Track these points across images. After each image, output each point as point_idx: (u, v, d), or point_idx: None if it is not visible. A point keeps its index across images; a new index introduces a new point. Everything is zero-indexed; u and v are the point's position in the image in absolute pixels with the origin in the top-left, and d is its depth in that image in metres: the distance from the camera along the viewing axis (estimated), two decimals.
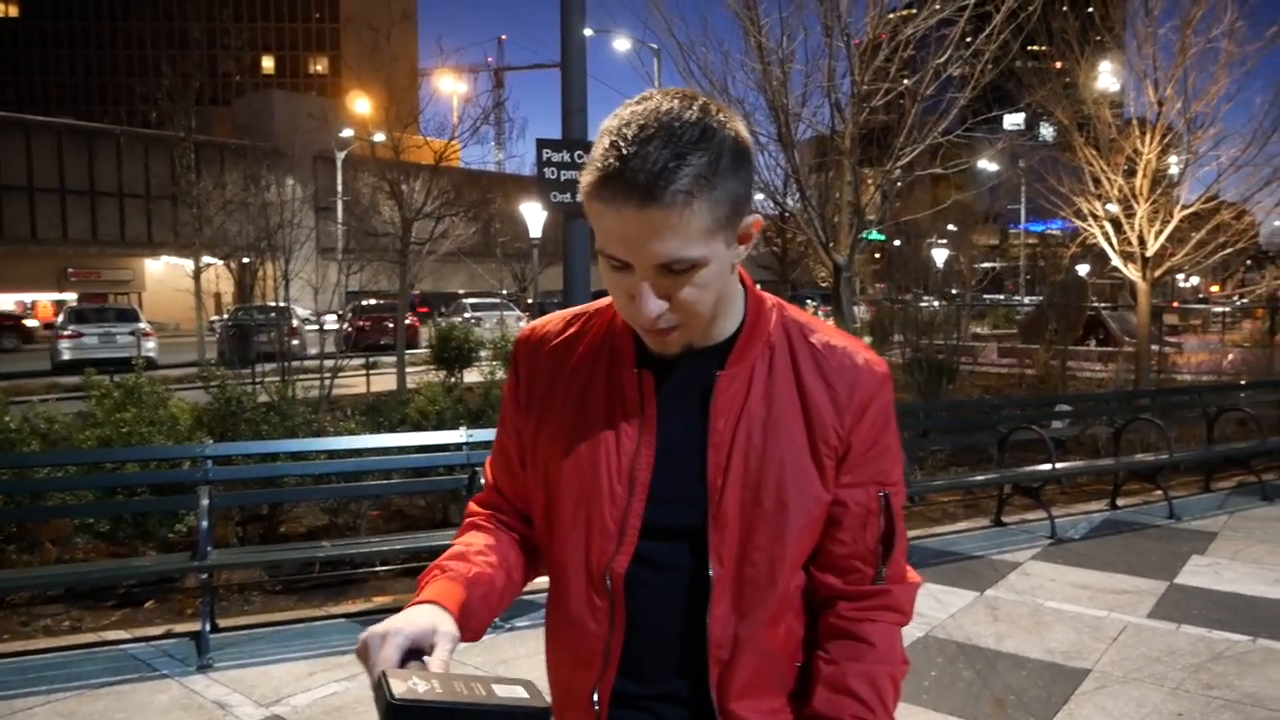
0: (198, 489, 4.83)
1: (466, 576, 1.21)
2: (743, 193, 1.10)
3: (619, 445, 1.22)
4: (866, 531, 1.23)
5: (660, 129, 1.04)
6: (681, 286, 1.09)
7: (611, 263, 1.11)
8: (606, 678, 1.22)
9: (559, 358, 1.31)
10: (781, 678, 1.25)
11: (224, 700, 4.08)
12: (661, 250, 1.06)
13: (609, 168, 1.04)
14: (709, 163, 1.04)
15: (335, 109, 41.65)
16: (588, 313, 1.35)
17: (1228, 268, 20.83)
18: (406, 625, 1.05)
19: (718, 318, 1.21)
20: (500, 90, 50.11)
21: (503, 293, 35.15)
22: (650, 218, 1.03)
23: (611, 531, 1.21)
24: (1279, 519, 7.28)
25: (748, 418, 1.20)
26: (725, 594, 1.19)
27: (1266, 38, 9.92)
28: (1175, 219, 10.15)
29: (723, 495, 1.18)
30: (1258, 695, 4.13)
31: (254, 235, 21.55)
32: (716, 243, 1.09)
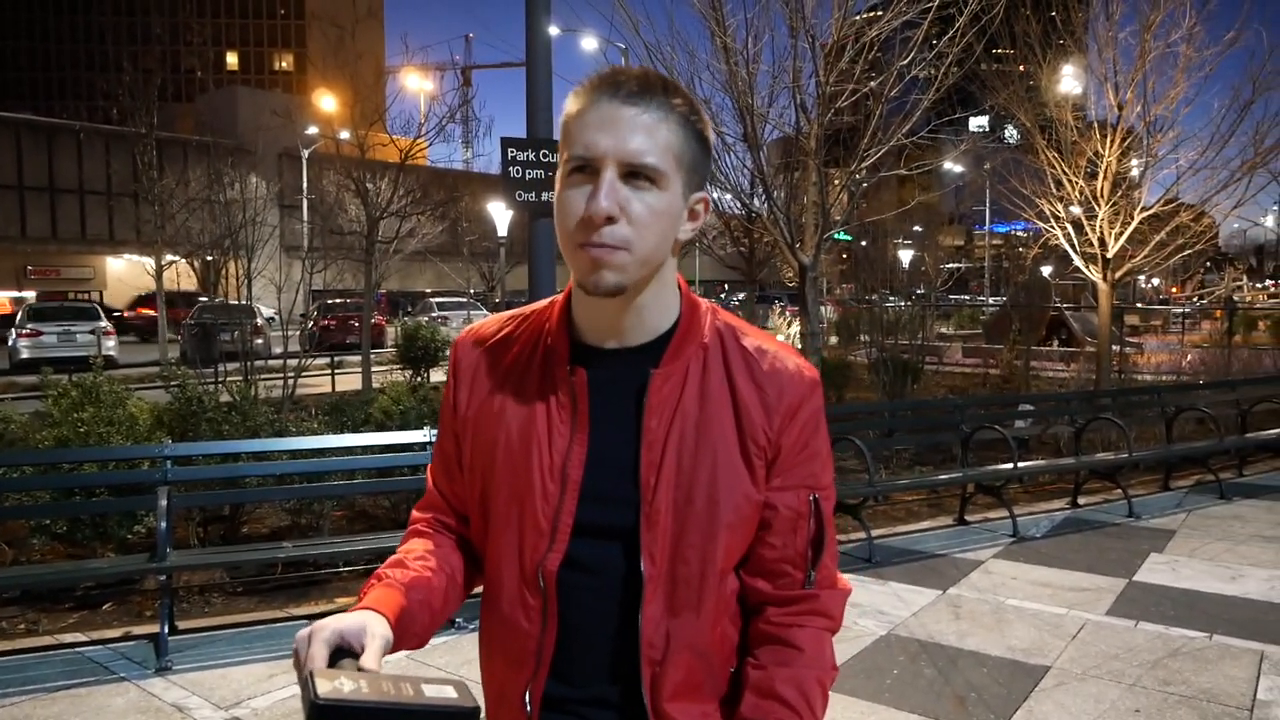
0: (157, 489, 4.75)
1: (403, 582, 1.20)
2: (701, 165, 1.20)
3: (551, 443, 1.22)
4: (796, 535, 1.24)
5: (651, 70, 1.20)
6: (636, 200, 1.13)
7: (576, 164, 1.14)
8: (539, 678, 1.22)
9: (495, 358, 1.32)
10: (715, 681, 1.25)
11: (182, 703, 4.02)
12: (636, 144, 1.12)
13: (605, 76, 1.16)
14: (688, 108, 1.17)
15: (300, 106, 41.24)
16: (524, 314, 1.35)
17: (1188, 269, 21.31)
18: (335, 623, 1.04)
19: (653, 303, 1.22)
20: (468, 89, 49.86)
21: (469, 292, 34.98)
22: (633, 114, 1.12)
23: (544, 529, 1.20)
24: (1235, 517, 7.41)
25: (681, 416, 1.20)
26: (658, 593, 1.19)
27: (1224, 42, 10.11)
28: (1135, 221, 10.30)
29: (655, 493, 1.18)
30: (1213, 691, 4.20)
31: (217, 233, 21.34)
32: (676, 178, 1.15)
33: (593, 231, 1.12)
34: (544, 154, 6.33)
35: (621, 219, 1.12)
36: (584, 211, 1.12)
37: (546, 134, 6.40)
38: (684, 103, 1.16)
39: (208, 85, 56.49)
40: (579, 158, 1.13)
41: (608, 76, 1.15)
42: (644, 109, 1.12)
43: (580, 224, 1.13)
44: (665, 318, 1.24)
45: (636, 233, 1.13)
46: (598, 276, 1.14)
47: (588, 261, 1.14)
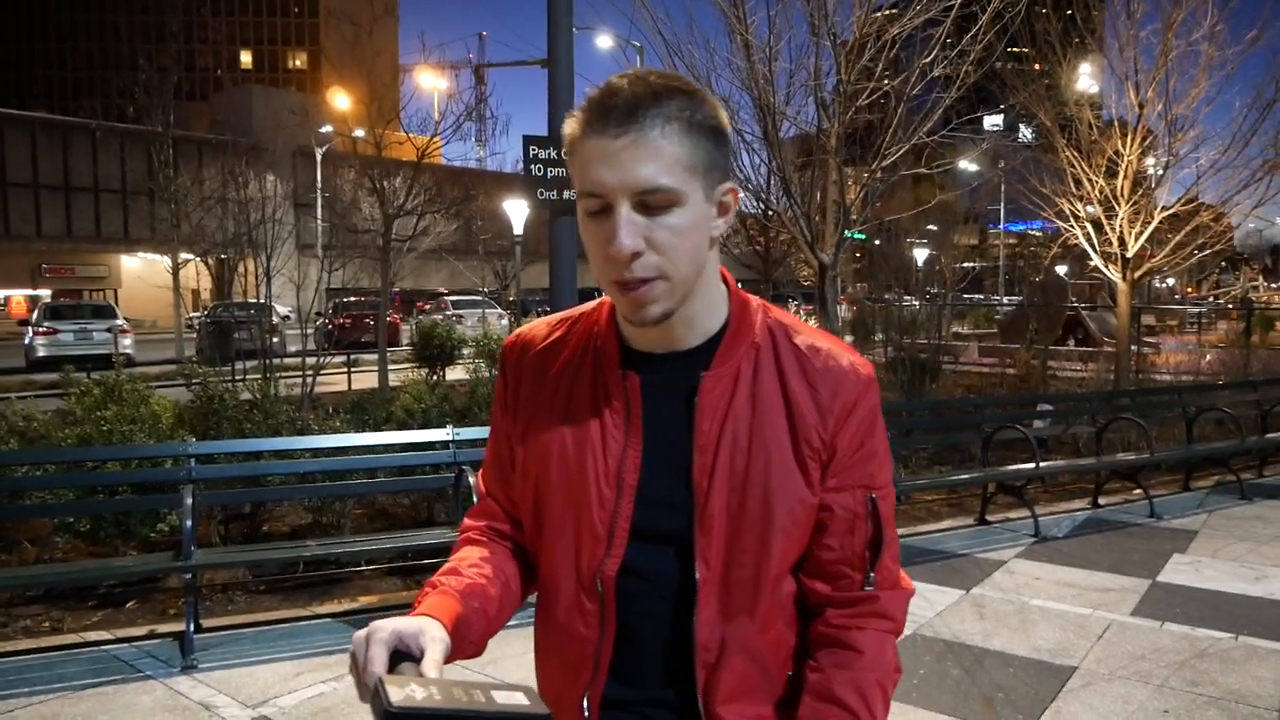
0: (181, 488, 4.77)
1: (458, 590, 1.18)
2: (719, 158, 1.14)
3: (606, 448, 1.21)
4: (854, 537, 1.22)
5: (645, 78, 1.12)
6: (658, 228, 1.09)
7: (590, 205, 1.11)
8: (597, 683, 1.21)
9: (545, 362, 1.31)
10: (770, 685, 1.24)
11: (209, 701, 4.03)
12: (641, 174, 1.07)
13: (595, 101, 1.10)
14: (688, 105, 1.10)
15: (315, 104, 41.39)
16: (573, 317, 1.34)
17: (1204, 269, 21.16)
18: (393, 625, 1.02)
19: (701, 308, 1.20)
20: (482, 87, 49.91)
21: (483, 290, 35.02)
22: (630, 140, 1.07)
23: (601, 535, 1.20)
24: (1257, 518, 7.36)
25: (733, 419, 1.19)
26: (711, 597, 1.18)
27: (1245, 41, 10.04)
28: (1155, 220, 10.24)
29: (708, 497, 1.17)
30: (1241, 692, 4.17)
31: (233, 231, 21.40)
32: (694, 187, 1.11)
33: (623, 268, 1.10)
34: (566, 153, 6.34)
35: (647, 250, 1.10)
36: (607, 250, 1.10)
37: None
38: (682, 105, 1.10)
39: (222, 84, 56.80)
40: (589, 195, 1.11)
41: (598, 102, 1.10)
42: (640, 131, 1.07)
43: (607, 262, 1.11)
44: (714, 319, 1.23)
45: (667, 259, 1.11)
46: (642, 313, 1.14)
47: (628, 302, 1.14)
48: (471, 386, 8.08)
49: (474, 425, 6.02)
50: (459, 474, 5.43)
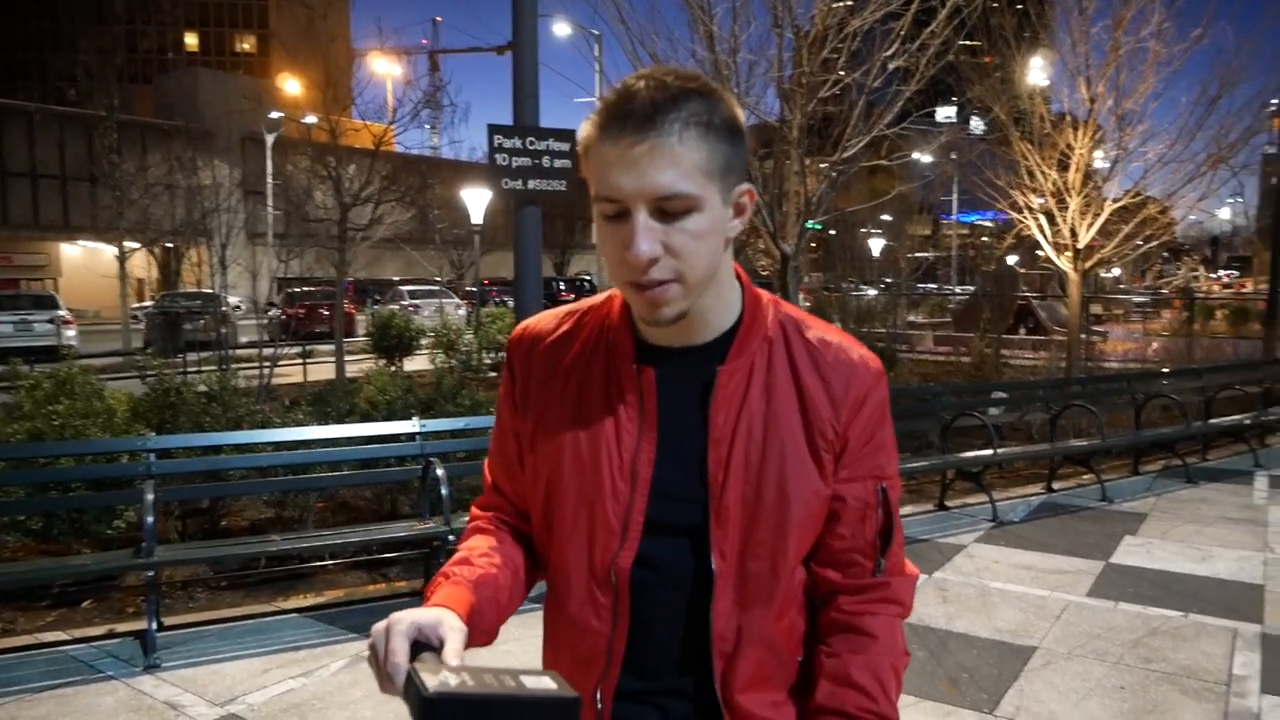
0: (140, 483, 4.69)
1: (470, 580, 1.19)
2: (736, 159, 1.13)
3: (620, 442, 1.22)
4: (865, 525, 1.24)
5: (662, 80, 1.09)
6: (676, 233, 1.09)
7: (606, 209, 1.11)
8: (610, 675, 1.22)
9: (554, 356, 1.30)
10: (784, 671, 1.26)
11: (175, 700, 3.97)
12: (659, 180, 1.06)
13: (612, 105, 1.09)
14: (706, 108, 1.09)
15: (264, 89, 40.55)
16: (581, 309, 1.34)
17: (1148, 260, 21.62)
18: (411, 616, 1.03)
19: (714, 304, 1.21)
20: (438, 74, 49.27)
21: (437, 279, 34.72)
22: (650, 145, 1.06)
23: (615, 528, 1.21)
24: (1202, 500, 7.59)
25: (748, 412, 1.20)
26: (728, 588, 1.20)
27: (1191, 39, 10.28)
28: (1106, 212, 10.46)
29: (724, 491, 1.19)
30: (1192, 667, 4.32)
31: (180, 219, 20.94)
32: (711, 191, 1.10)
33: (640, 273, 1.11)
34: (530, 142, 6.30)
35: (664, 255, 1.10)
36: (624, 255, 1.10)
37: (533, 121, 6.37)
38: (700, 108, 1.08)
39: (168, 66, 55.43)
40: (605, 199, 1.11)
41: (617, 106, 1.09)
42: (659, 136, 1.06)
43: (623, 265, 1.12)
44: (728, 315, 1.24)
45: (684, 262, 1.11)
46: (657, 314, 1.15)
47: (643, 303, 1.14)
48: (437, 378, 8.03)
49: (440, 416, 6.00)
50: (426, 466, 5.40)
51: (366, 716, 3.82)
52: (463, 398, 6.68)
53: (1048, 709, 3.91)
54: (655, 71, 1.12)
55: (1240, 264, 67.77)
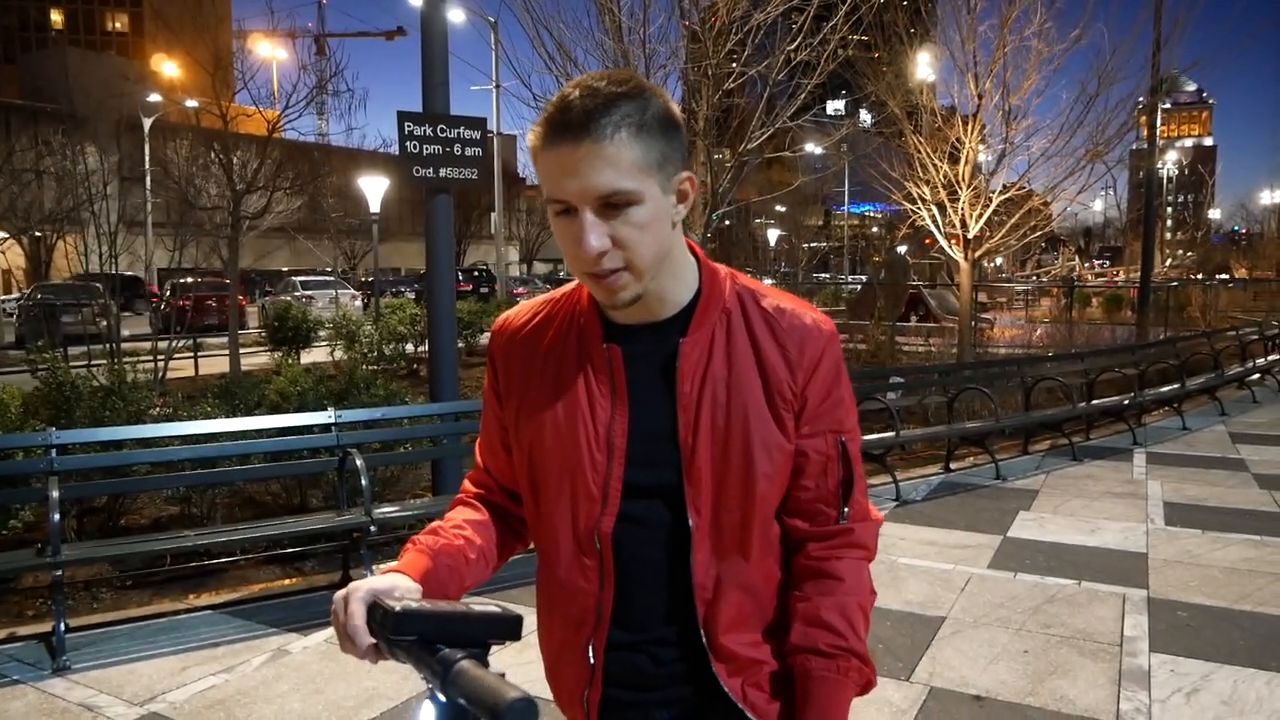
0: (45, 480, 4.49)
1: (433, 548, 1.31)
2: (672, 151, 1.21)
3: (595, 416, 1.31)
4: (827, 477, 1.34)
5: (594, 87, 1.17)
6: (621, 226, 1.18)
7: (556, 208, 1.19)
8: (600, 631, 1.32)
9: (530, 344, 1.40)
10: (762, 614, 1.35)
11: (90, 702, 3.83)
12: (599, 181, 1.15)
13: (551, 115, 1.17)
14: (637, 109, 1.17)
15: (139, 71, 38.68)
16: (554, 299, 1.44)
17: (1028, 250, 22.71)
18: (368, 584, 1.15)
19: (671, 283, 1.29)
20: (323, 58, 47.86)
21: (329, 269, 33.81)
22: (586, 150, 1.14)
23: (595, 496, 1.30)
24: (1088, 476, 8.06)
25: (711, 378, 1.29)
26: (705, 540, 1.29)
27: (1070, 39, 10.83)
28: (994, 204, 10.95)
29: (694, 452, 1.28)
30: (1087, 630, 4.62)
31: (50, 208, 19.82)
32: (650, 183, 1.18)
33: (593, 264, 1.19)
34: (441, 129, 6.24)
35: (612, 247, 1.18)
36: (576, 250, 1.19)
37: (443, 109, 6.30)
38: (631, 109, 1.16)
39: (30, 45, 52.27)
40: (554, 200, 1.19)
41: (555, 116, 1.16)
42: (594, 142, 1.14)
43: (578, 259, 1.21)
44: (686, 290, 1.32)
45: (631, 251, 1.19)
46: (614, 299, 1.24)
47: (601, 290, 1.24)
48: (350, 368, 7.86)
49: (355, 407, 5.90)
50: (343, 457, 5.31)
51: (295, 709, 3.76)
52: (376, 388, 6.57)
53: (959, 674, 4.13)
54: (588, 79, 1.19)
55: (1111, 254, 71.78)
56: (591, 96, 1.15)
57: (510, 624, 1.02)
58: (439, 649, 0.96)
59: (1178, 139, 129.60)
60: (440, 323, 6.24)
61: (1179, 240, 54.18)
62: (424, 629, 0.99)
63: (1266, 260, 47.97)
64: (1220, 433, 10.17)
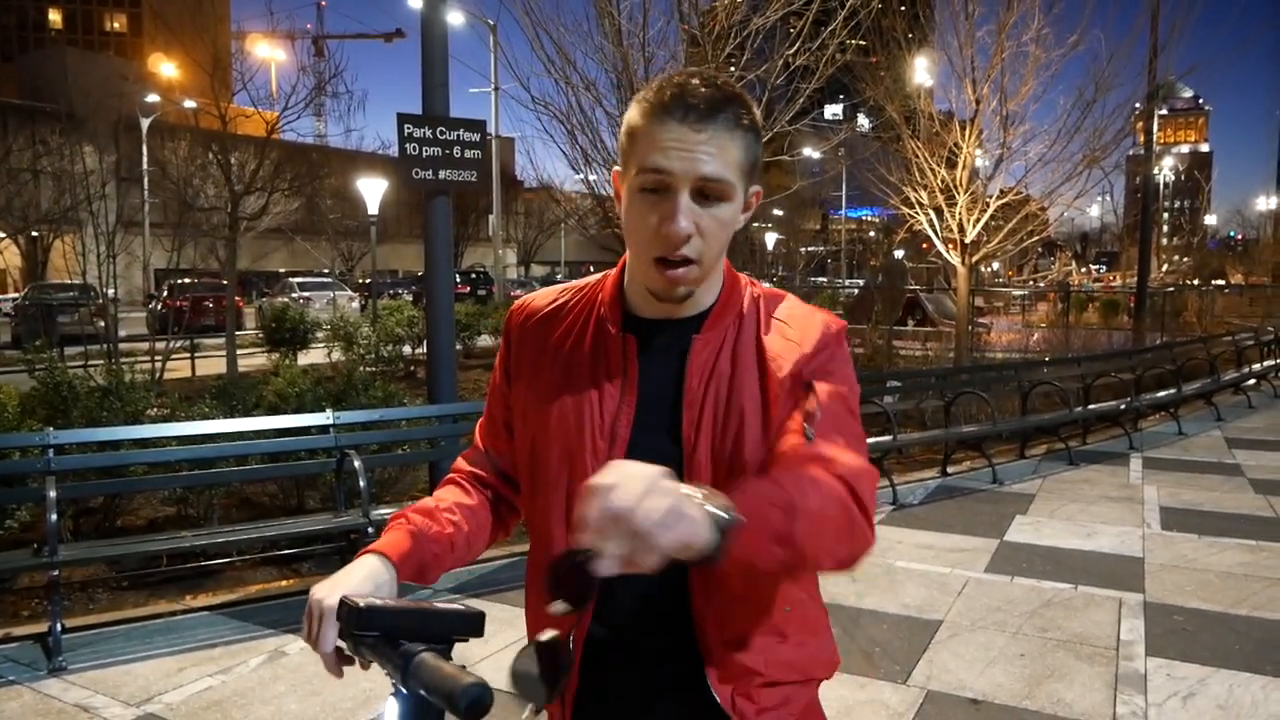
0: (43, 480, 4.48)
1: (421, 532, 1.32)
2: (759, 161, 1.26)
3: (602, 404, 1.32)
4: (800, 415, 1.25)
5: (716, 80, 1.22)
6: (707, 217, 1.20)
7: (649, 182, 1.20)
8: (583, 623, 1.29)
9: (546, 326, 1.42)
10: (761, 620, 1.32)
11: (87, 703, 3.83)
12: (710, 167, 1.18)
13: (673, 91, 1.19)
14: (747, 111, 1.22)
15: (137, 71, 38.67)
16: (576, 286, 1.46)
17: (1025, 255, 22.75)
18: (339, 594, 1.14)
19: (702, 289, 1.31)
20: (321, 59, 47.91)
21: (325, 271, 33.79)
22: (707, 136, 1.17)
23: None
24: (1084, 481, 8.07)
25: (717, 377, 1.30)
26: None
27: (1067, 45, 10.88)
28: (991, 208, 10.98)
29: (695, 449, 1.28)
30: (1083, 635, 4.63)
31: (47, 207, 19.80)
32: (739, 185, 1.22)
33: (672, 248, 1.21)
34: (441, 131, 6.24)
35: (695, 235, 1.21)
36: (660, 229, 1.20)
37: (443, 111, 6.31)
38: (745, 113, 1.21)
39: (28, 44, 52.21)
40: (653, 175, 1.20)
41: (678, 96, 1.19)
42: (714, 130, 1.18)
43: (656, 239, 1.21)
44: (710, 293, 1.34)
45: (707, 244, 1.22)
46: (673, 291, 1.26)
47: (664, 279, 1.24)
48: (348, 369, 7.86)
49: (353, 409, 5.89)
50: (341, 458, 5.31)
51: (292, 710, 3.76)
52: (375, 389, 6.57)
53: (956, 677, 4.13)
54: (701, 72, 1.24)
55: (1108, 259, 71.86)
56: (718, 88, 1.20)
57: (473, 620, 1.05)
58: (402, 644, 0.99)
59: (1174, 145, 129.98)
60: (438, 324, 6.24)
61: (1175, 246, 54.28)
62: (387, 625, 1.02)
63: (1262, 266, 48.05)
64: (1216, 438, 10.20)
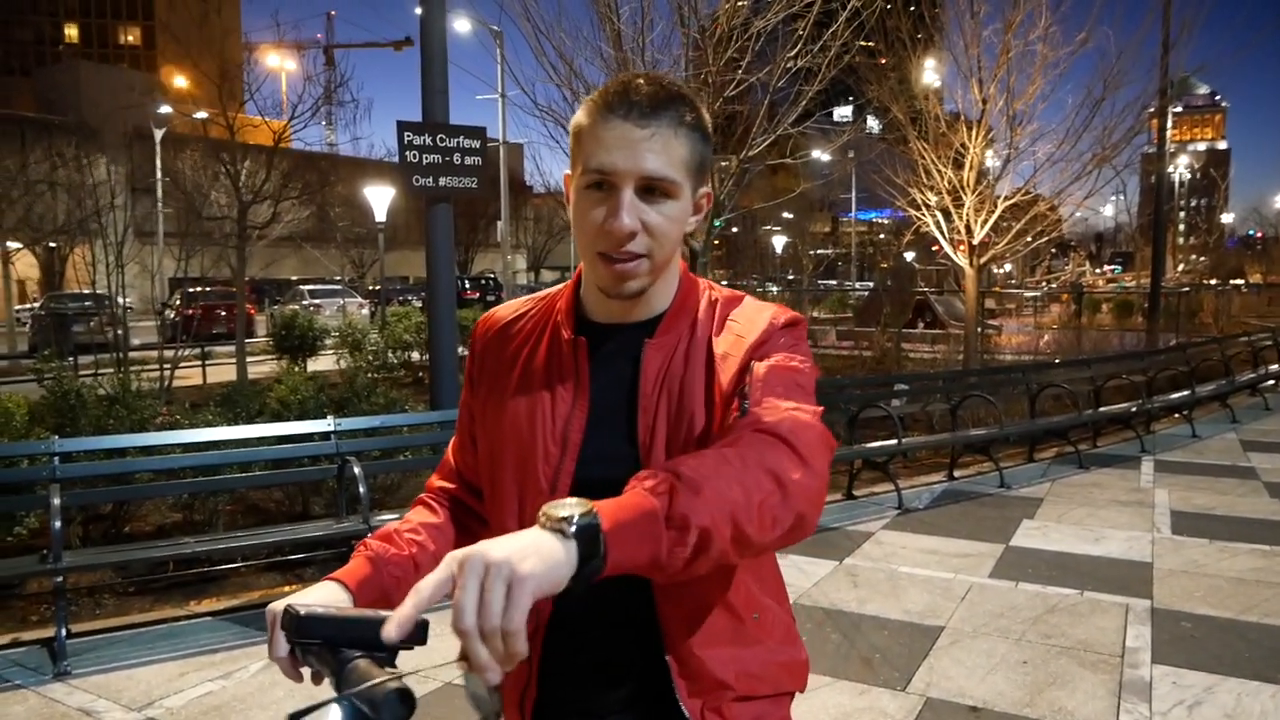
0: (47, 488, 4.52)
1: (380, 556, 1.31)
2: (708, 161, 1.27)
3: (554, 408, 1.32)
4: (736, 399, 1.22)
5: (662, 80, 1.24)
6: (653, 213, 1.21)
7: (594, 179, 1.21)
8: (539, 634, 1.28)
9: (507, 334, 1.43)
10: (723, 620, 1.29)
11: (89, 707, 3.85)
12: (650, 163, 1.19)
13: (617, 90, 1.21)
14: (693, 112, 1.24)
15: (151, 83, 38.94)
16: (540, 297, 1.47)
17: (1037, 256, 22.66)
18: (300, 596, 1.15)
19: (657, 290, 1.30)
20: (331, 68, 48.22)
21: (336, 278, 33.94)
22: (649, 133, 1.19)
23: (544, 488, 1.29)
24: (1094, 484, 8.01)
25: (669, 380, 1.29)
26: None
27: (1076, 43, 10.81)
28: (999, 210, 10.92)
29: (650, 453, 1.27)
30: (1088, 641, 4.58)
31: (63, 218, 19.99)
32: (686, 183, 1.23)
33: (615, 245, 1.21)
34: (441, 138, 6.28)
35: (641, 232, 1.21)
36: (604, 226, 1.21)
37: (443, 118, 6.34)
38: (691, 112, 1.23)
39: (46, 59, 52.73)
40: (597, 174, 1.21)
41: (621, 94, 1.20)
42: (657, 126, 1.19)
43: (601, 236, 1.22)
44: (665, 298, 1.34)
45: (655, 242, 1.23)
46: (622, 287, 1.25)
47: (611, 274, 1.24)
48: (350, 376, 7.89)
49: (354, 415, 5.92)
50: (342, 465, 5.33)
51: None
52: (376, 396, 6.60)
53: (956, 684, 4.10)
54: (649, 74, 1.26)
55: (1123, 259, 71.39)
56: (662, 87, 1.22)
57: (415, 628, 1.02)
58: (342, 652, 0.98)
59: (1190, 142, 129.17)
60: (440, 330, 6.27)
61: (1192, 245, 53.87)
62: (328, 633, 1.01)
63: None
64: (1231, 440, 10.10)
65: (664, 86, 1.22)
